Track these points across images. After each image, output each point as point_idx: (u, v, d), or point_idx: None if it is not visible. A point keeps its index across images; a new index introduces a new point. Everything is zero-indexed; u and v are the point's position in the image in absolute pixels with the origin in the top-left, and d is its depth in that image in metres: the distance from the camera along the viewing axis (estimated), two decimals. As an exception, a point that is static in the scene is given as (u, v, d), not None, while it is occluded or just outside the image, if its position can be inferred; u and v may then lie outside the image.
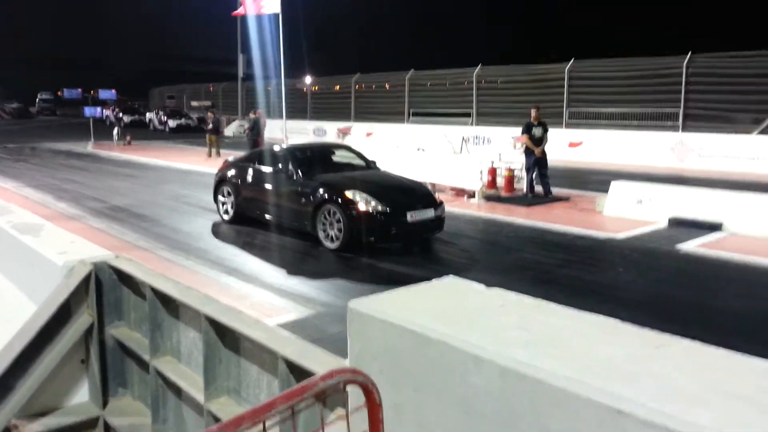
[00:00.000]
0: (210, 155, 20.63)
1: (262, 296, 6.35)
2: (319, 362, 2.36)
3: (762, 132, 16.66)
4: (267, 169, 9.20)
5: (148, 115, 41.25)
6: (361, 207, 7.68)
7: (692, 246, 8.11)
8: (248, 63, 34.66)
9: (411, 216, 7.81)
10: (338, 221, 7.81)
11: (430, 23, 71.94)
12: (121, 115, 41.27)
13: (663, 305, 6.04)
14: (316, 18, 58.02)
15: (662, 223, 9.32)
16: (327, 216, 7.96)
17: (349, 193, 7.85)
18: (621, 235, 8.83)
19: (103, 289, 3.76)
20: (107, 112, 39.19)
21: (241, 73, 34.43)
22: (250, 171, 9.50)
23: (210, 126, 21.20)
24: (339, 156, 9.92)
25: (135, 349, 3.64)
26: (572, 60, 20.67)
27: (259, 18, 18.98)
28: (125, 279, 3.76)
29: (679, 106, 18.14)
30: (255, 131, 19.05)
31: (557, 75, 20.97)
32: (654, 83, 18.43)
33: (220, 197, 9.97)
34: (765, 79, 16.40)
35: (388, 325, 1.77)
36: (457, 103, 24.85)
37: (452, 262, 7.86)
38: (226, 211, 9.82)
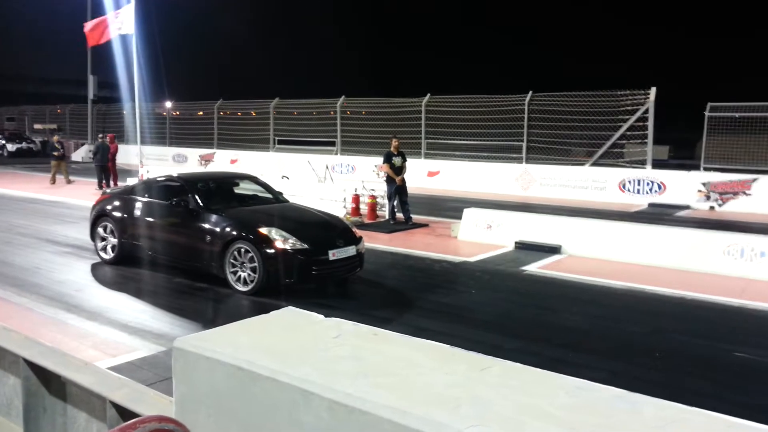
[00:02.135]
0: (54, 182, 19.11)
1: (106, 334, 5.87)
2: (152, 406, 2.21)
3: (593, 164, 18.54)
4: (161, 201, 8.06)
5: (-18, 139, 37.13)
6: (279, 245, 6.92)
7: (534, 267, 8.76)
8: (103, 85, 32.56)
9: (333, 254, 7.15)
10: (251, 261, 7.00)
11: (294, 53, 72.41)
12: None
13: (508, 323, 6.43)
14: (178, 42, 56.06)
15: (509, 247, 9.99)
16: (238, 255, 7.10)
17: (263, 230, 7.06)
18: (473, 258, 9.33)
19: None
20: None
21: (91, 95, 32.16)
22: (139, 204, 8.28)
23: (60, 151, 19.57)
24: (243, 187, 8.96)
25: (-59, 403, 3.19)
26: (428, 95, 21.75)
27: (117, 38, 18.00)
28: (-69, 323, 3.30)
29: (522, 140, 19.71)
30: (99, 156, 18.14)
31: (415, 108, 21.93)
32: (501, 118, 19.86)
33: (99, 234, 8.63)
34: (595, 117, 18.31)
35: (215, 363, 1.69)
36: (322, 132, 25.06)
37: (361, 297, 7.52)
38: (112, 249, 8.49)
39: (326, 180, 16.78)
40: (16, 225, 11.68)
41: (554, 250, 9.58)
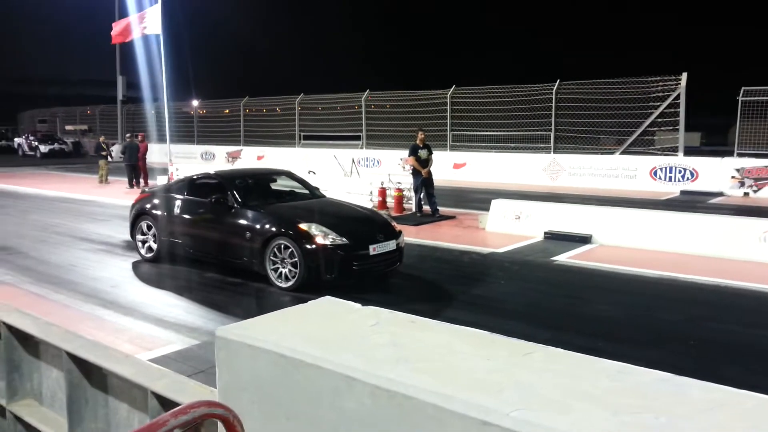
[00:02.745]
0: (102, 181, 19.62)
1: (141, 328, 5.98)
2: (193, 396, 2.24)
3: (623, 152, 18.24)
4: (199, 199, 8.09)
5: (16, 140, 38.17)
6: (319, 240, 6.86)
7: (565, 258, 8.67)
8: (131, 85, 33.11)
9: (373, 249, 7.11)
10: (292, 257, 6.98)
11: (317, 49, 72.49)
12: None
13: (539, 313, 6.38)
14: (202, 40, 56.63)
15: (538, 237, 9.89)
16: (278, 252, 7.07)
17: (303, 226, 7.01)
18: (502, 249, 9.27)
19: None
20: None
21: (120, 96, 32.73)
22: (178, 202, 8.30)
23: (107, 151, 20.13)
24: (281, 183, 8.91)
25: (-12, 394, 3.29)
26: (453, 86, 21.61)
27: (141, 39, 18.35)
28: (-24, 318, 3.40)
29: (550, 129, 19.48)
30: (127, 155, 18.54)
31: (440, 100, 21.82)
32: (527, 108, 19.66)
33: (139, 233, 8.70)
34: (624, 105, 18.00)
35: (257, 351, 1.71)
36: (347, 127, 25.13)
37: (404, 290, 7.45)
38: (149, 249, 8.56)
39: (352, 174, 16.82)
40: (51, 224, 11.96)
41: (585, 239, 9.46)
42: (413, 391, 1.47)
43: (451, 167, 20.60)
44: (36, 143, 35.02)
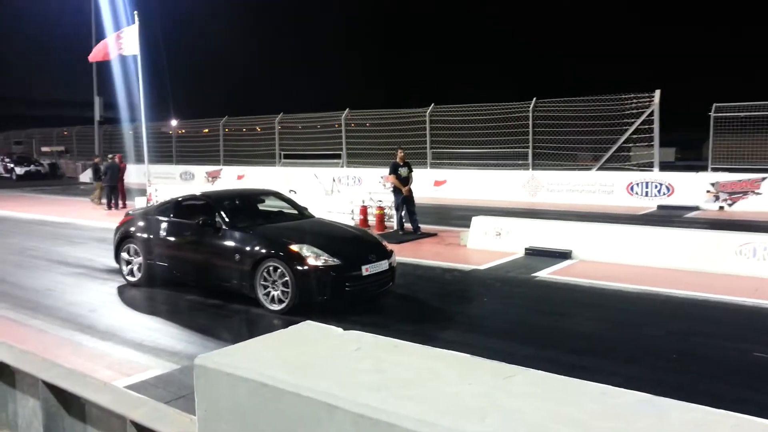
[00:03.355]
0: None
1: (120, 354, 5.88)
2: (173, 424, 2.21)
3: (600, 168, 18.51)
4: (186, 221, 7.95)
5: (-9, 162, 37.60)
6: (311, 262, 6.74)
7: (545, 273, 8.73)
8: (107, 106, 32.85)
9: (366, 269, 7.01)
10: (283, 279, 6.84)
11: (297, 67, 72.73)
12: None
13: (522, 330, 6.40)
14: (180, 60, 56.52)
15: (519, 254, 9.96)
16: (269, 274, 6.92)
17: (295, 247, 6.89)
18: (484, 266, 9.31)
19: None
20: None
21: (97, 116, 32.45)
22: (164, 224, 8.12)
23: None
24: (268, 204, 8.80)
25: (-39, 427, 3.20)
26: (432, 105, 21.81)
27: (118, 60, 18.29)
28: (-51, 347, 3.32)
29: (528, 147, 19.72)
30: (108, 176, 18.29)
31: (420, 118, 21.99)
32: (506, 126, 19.89)
33: (124, 256, 8.50)
34: (600, 121, 18.30)
35: (237, 380, 1.69)
36: (328, 145, 25.18)
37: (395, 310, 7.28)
38: (131, 272, 8.39)
39: (333, 192, 16.82)
40: (27, 247, 11.75)
41: (565, 255, 9.54)
42: (396, 418, 1.46)
43: (431, 185, 20.72)
44: (11, 165, 34.53)
